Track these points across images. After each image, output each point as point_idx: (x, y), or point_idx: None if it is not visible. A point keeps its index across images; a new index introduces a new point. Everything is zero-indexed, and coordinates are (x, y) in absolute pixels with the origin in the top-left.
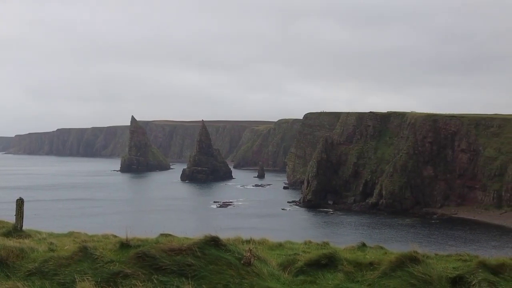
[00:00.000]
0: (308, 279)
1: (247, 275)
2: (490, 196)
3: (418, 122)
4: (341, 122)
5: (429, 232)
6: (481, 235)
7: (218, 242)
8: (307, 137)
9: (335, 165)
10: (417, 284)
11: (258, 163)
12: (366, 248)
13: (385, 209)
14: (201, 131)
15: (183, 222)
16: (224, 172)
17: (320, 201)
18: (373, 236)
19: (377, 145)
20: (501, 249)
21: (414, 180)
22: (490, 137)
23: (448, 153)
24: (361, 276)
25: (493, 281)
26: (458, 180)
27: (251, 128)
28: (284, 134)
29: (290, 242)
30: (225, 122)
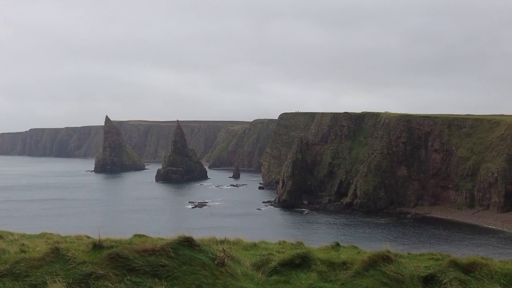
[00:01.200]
0: (281, 279)
1: (221, 276)
2: (462, 195)
3: (392, 123)
4: (316, 123)
5: (403, 232)
6: (453, 234)
7: (192, 243)
8: (282, 137)
9: (310, 165)
10: (389, 283)
11: (233, 163)
12: (340, 247)
13: (359, 209)
14: (176, 131)
15: (158, 223)
16: (199, 172)
17: (295, 201)
18: (348, 235)
19: (352, 145)
20: (473, 248)
21: (388, 180)
22: (462, 138)
23: (421, 153)
24: (334, 276)
25: (464, 280)
26: (431, 180)
27: (226, 128)
28: (259, 134)
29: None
30: (200, 122)
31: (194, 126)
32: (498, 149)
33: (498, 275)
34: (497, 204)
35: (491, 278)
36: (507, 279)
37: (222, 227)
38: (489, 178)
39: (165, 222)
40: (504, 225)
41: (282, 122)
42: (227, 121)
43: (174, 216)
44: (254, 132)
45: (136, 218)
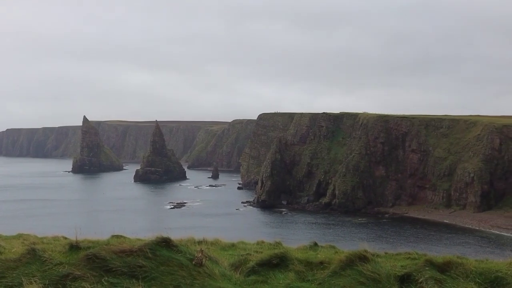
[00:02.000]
0: (259, 279)
1: (199, 276)
2: (439, 195)
3: (370, 123)
4: (295, 123)
5: (381, 231)
6: (430, 234)
7: (170, 243)
8: (261, 138)
9: (289, 165)
10: (366, 283)
11: (212, 164)
12: (317, 247)
13: (338, 208)
14: (154, 131)
15: (136, 223)
16: (178, 172)
17: (274, 201)
18: (326, 235)
19: (330, 145)
20: (449, 247)
21: (366, 180)
22: (439, 138)
23: (399, 153)
24: (311, 275)
25: (440, 279)
26: (409, 180)
27: (205, 129)
28: (238, 134)
29: (243, 242)
30: (179, 122)
31: (173, 126)
32: (474, 149)
33: (474, 274)
34: (473, 203)
35: (466, 277)
36: (482, 278)
37: (201, 228)
38: (466, 178)
39: (144, 222)
40: (480, 224)
41: (261, 122)
42: (206, 121)
43: (152, 217)
44: (233, 133)
45: (114, 218)
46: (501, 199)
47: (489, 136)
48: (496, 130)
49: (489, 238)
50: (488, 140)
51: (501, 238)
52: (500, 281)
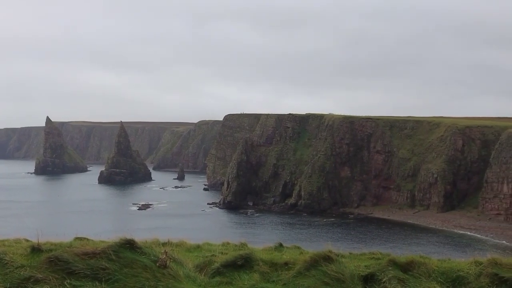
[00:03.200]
0: (224, 280)
1: (163, 278)
2: (404, 196)
3: (336, 124)
4: (261, 124)
5: (346, 232)
6: (395, 234)
7: (134, 245)
8: (227, 139)
9: (255, 166)
10: (330, 283)
11: (178, 165)
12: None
13: (304, 209)
14: (119, 132)
15: (100, 225)
16: (143, 174)
17: (240, 202)
18: (292, 236)
19: (296, 146)
20: (413, 247)
21: (332, 180)
22: (403, 139)
23: (364, 154)
24: (276, 276)
25: (403, 278)
26: (373, 181)
27: (171, 130)
28: (204, 135)
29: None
30: (144, 123)
31: (138, 127)
32: (437, 150)
33: (436, 274)
34: (437, 204)
35: (428, 276)
36: (444, 277)
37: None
38: (429, 178)
39: (108, 224)
40: (444, 224)
41: (227, 123)
42: (171, 122)
43: (117, 218)
44: (199, 133)
45: (77, 220)
46: (464, 199)
47: (452, 137)
48: (459, 131)
49: (452, 237)
50: (451, 141)
51: (464, 237)
52: (462, 280)
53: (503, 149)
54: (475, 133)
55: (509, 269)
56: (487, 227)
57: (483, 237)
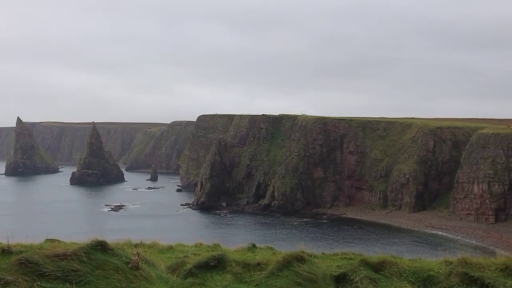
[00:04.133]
0: (196, 281)
1: (135, 279)
2: (376, 196)
3: (309, 125)
4: (235, 125)
5: (319, 232)
6: (367, 234)
7: (106, 247)
8: (200, 139)
9: (229, 167)
10: (302, 283)
11: (151, 166)
12: (256, 249)
13: (277, 210)
14: (91, 133)
15: (72, 227)
16: (116, 175)
17: (214, 203)
18: (265, 237)
19: (270, 147)
20: (385, 247)
21: (305, 181)
22: (376, 140)
23: (337, 155)
24: (249, 277)
25: (374, 278)
26: (346, 181)
27: (143, 130)
28: (177, 136)
29: (181, 244)
30: (117, 124)
31: (111, 128)
32: (409, 151)
33: (407, 273)
34: (408, 204)
35: (400, 276)
36: (415, 276)
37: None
38: (401, 179)
39: (80, 225)
40: (415, 224)
41: (200, 124)
42: (144, 123)
43: (89, 220)
44: (172, 134)
45: (49, 222)
46: (435, 199)
47: (423, 138)
48: (430, 132)
49: (423, 237)
50: (423, 142)
51: (435, 237)
52: (432, 279)
53: (473, 150)
54: (446, 134)
55: (479, 268)
56: (457, 227)
57: (454, 236)
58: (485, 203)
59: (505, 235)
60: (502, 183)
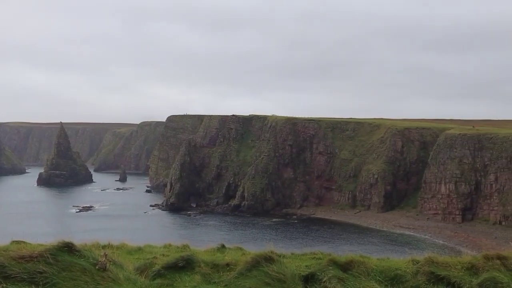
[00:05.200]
0: (165, 282)
1: (102, 281)
2: (345, 196)
3: (279, 125)
4: (204, 125)
5: (289, 232)
6: (337, 234)
7: (72, 248)
8: (170, 140)
9: (198, 167)
10: (271, 283)
11: (120, 166)
12: (225, 249)
13: (247, 210)
14: (59, 133)
15: (38, 228)
16: (84, 175)
17: (183, 204)
18: (235, 237)
19: (240, 147)
20: (353, 247)
21: (275, 182)
22: (345, 140)
23: (307, 156)
24: (218, 277)
25: (342, 278)
26: (316, 182)
27: (112, 131)
28: (147, 136)
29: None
30: (85, 124)
31: (79, 128)
32: (378, 152)
33: (375, 272)
34: (377, 204)
35: (367, 275)
36: (382, 276)
37: (108, 231)
38: (370, 179)
39: (47, 227)
40: (384, 224)
41: (170, 124)
42: (113, 123)
43: (56, 221)
44: (142, 135)
45: (15, 223)
46: (403, 199)
47: (392, 138)
48: (398, 133)
49: (391, 237)
50: (391, 142)
51: (403, 237)
52: (400, 278)
53: (440, 150)
54: (414, 134)
55: (445, 267)
56: (425, 227)
57: (422, 236)
58: (452, 202)
59: (471, 235)
60: (468, 183)
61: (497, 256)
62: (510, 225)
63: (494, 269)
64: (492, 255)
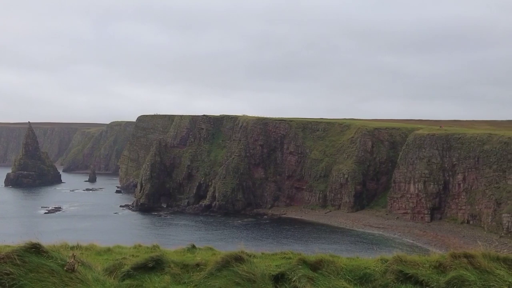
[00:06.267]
0: (134, 283)
1: (70, 282)
2: (316, 196)
3: (250, 125)
4: (175, 125)
5: (259, 232)
6: (307, 234)
7: (40, 249)
8: (140, 140)
9: (169, 168)
10: (241, 283)
11: (89, 167)
12: (195, 249)
13: (218, 210)
14: (27, 133)
15: (6, 229)
16: (52, 176)
17: (154, 204)
18: (205, 237)
19: (211, 147)
20: (323, 246)
21: (246, 182)
22: (316, 140)
23: (277, 156)
24: (187, 278)
25: (312, 277)
26: (287, 182)
27: (82, 131)
28: (116, 136)
29: (119, 246)
30: (54, 124)
31: (47, 128)
32: (348, 152)
33: (344, 271)
34: (347, 204)
35: (337, 274)
36: (351, 274)
37: (76, 232)
38: (340, 179)
39: (14, 228)
40: (354, 223)
41: (140, 124)
42: (82, 123)
43: (24, 222)
44: (111, 135)
45: None
46: (373, 199)
47: (362, 138)
48: (368, 133)
49: (361, 236)
50: (361, 142)
51: (372, 236)
52: (369, 277)
53: (409, 150)
54: (383, 134)
55: (413, 266)
56: (394, 226)
57: (391, 235)
58: (420, 202)
59: (439, 234)
60: (437, 183)
61: (464, 254)
62: (477, 224)
63: (461, 268)
64: (459, 253)
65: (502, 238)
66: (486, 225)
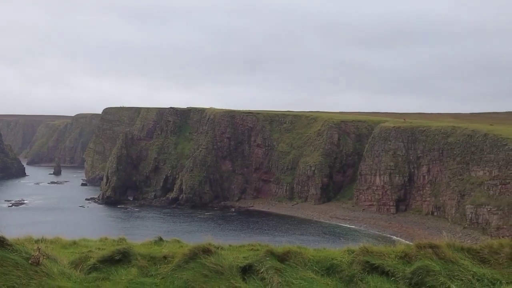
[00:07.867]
0: (100, 276)
1: (35, 275)
2: (283, 188)
3: (217, 118)
4: (141, 117)
5: (227, 225)
6: (274, 226)
7: (4, 242)
8: (106, 132)
9: (136, 160)
10: (209, 275)
11: (54, 159)
12: (163, 242)
13: (185, 203)
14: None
15: None
16: (16, 169)
17: (120, 197)
18: (173, 230)
19: (178, 140)
20: (291, 238)
21: (213, 174)
22: (283, 133)
23: (245, 148)
24: (155, 270)
25: (280, 268)
26: (254, 174)
27: (46, 123)
28: (82, 129)
29: (85, 239)
30: (17, 116)
31: (10, 121)
32: (315, 144)
33: (311, 262)
34: (314, 196)
35: (304, 265)
36: (319, 265)
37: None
38: (307, 171)
39: None
40: (320, 215)
41: (106, 117)
42: (46, 115)
43: None
44: (77, 127)
45: None
46: (339, 191)
47: (328, 131)
48: (335, 126)
49: (328, 228)
50: (328, 135)
51: (339, 228)
52: (335, 268)
53: (375, 143)
54: (350, 127)
55: (379, 256)
56: (360, 218)
57: (357, 227)
58: (386, 194)
59: (405, 225)
60: (402, 175)
61: (429, 245)
62: (441, 215)
63: (426, 258)
64: (424, 244)
65: (465, 229)
66: (450, 216)
